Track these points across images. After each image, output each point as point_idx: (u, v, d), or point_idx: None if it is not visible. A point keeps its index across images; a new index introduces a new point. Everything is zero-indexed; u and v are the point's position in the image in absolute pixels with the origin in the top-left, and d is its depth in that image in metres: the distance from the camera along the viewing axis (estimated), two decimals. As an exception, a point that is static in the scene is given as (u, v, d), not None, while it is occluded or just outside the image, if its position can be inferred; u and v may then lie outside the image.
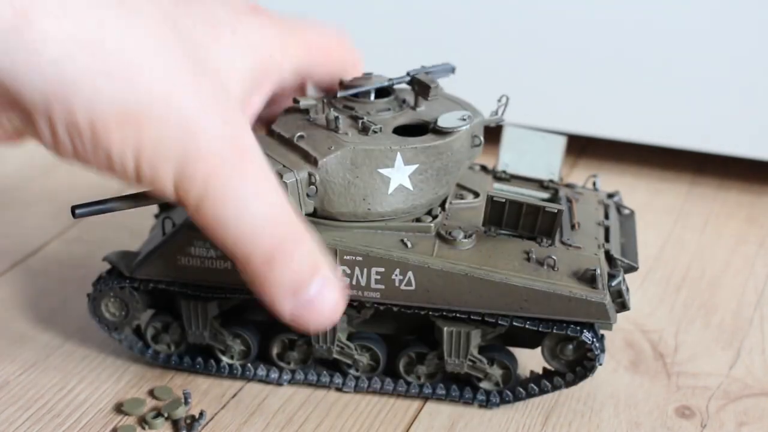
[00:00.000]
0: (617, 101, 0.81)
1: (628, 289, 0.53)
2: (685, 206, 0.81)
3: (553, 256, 0.52)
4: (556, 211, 0.51)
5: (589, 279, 0.51)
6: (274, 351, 0.57)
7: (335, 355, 0.56)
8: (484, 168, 0.62)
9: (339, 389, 0.57)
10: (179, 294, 0.55)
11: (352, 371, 0.57)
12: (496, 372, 0.55)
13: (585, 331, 0.52)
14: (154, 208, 0.64)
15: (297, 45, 0.52)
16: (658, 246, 0.74)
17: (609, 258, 0.54)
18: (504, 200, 0.51)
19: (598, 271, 0.51)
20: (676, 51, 0.78)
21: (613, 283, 0.52)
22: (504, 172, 0.60)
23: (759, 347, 0.62)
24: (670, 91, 0.80)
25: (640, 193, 0.82)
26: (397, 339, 0.57)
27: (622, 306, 0.53)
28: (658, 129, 0.82)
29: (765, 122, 0.79)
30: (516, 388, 0.55)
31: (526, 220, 0.52)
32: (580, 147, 0.87)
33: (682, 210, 0.80)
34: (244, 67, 0.47)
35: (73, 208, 0.48)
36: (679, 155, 0.85)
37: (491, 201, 0.52)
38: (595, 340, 0.52)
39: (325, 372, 0.57)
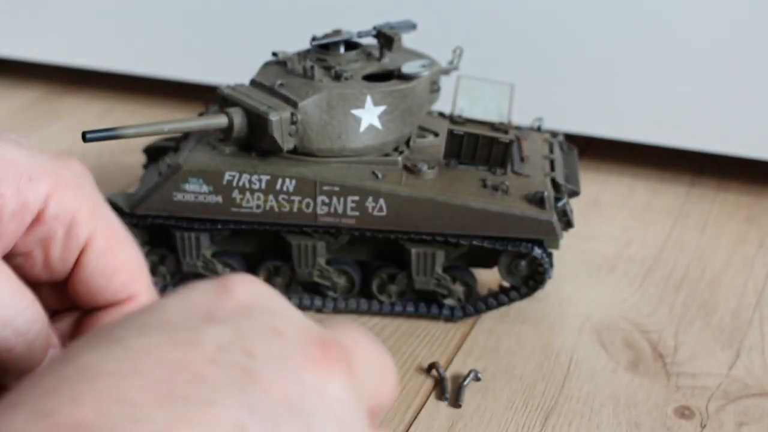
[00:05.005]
0: (617, 101, 0.81)
1: (572, 210, 0.60)
2: (684, 206, 0.81)
3: (507, 182, 0.58)
4: (508, 141, 0.58)
5: (538, 201, 0.58)
6: (261, 277, 0.61)
7: (316, 278, 0.61)
8: (441, 114, 0.68)
9: (319, 311, 0.62)
10: (175, 228, 0.60)
11: (330, 293, 0.62)
12: (459, 289, 0.61)
13: (536, 248, 0.59)
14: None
15: None
16: (658, 246, 0.74)
17: (555, 184, 0.61)
18: (462, 133, 0.59)
19: (546, 194, 0.57)
20: (676, 51, 0.78)
21: (559, 204, 0.59)
22: (459, 116, 0.65)
23: (758, 347, 0.62)
24: (670, 91, 0.80)
25: (640, 193, 0.82)
26: (370, 265, 0.62)
27: (568, 224, 0.60)
28: (658, 129, 0.82)
29: (765, 122, 0.79)
30: (477, 303, 0.61)
31: (482, 151, 0.59)
32: (580, 147, 0.87)
33: (681, 210, 0.80)
34: None
35: (84, 134, 0.50)
36: (679, 155, 0.85)
37: (451, 134, 0.59)
38: (544, 255, 0.59)
39: (306, 296, 0.62)
